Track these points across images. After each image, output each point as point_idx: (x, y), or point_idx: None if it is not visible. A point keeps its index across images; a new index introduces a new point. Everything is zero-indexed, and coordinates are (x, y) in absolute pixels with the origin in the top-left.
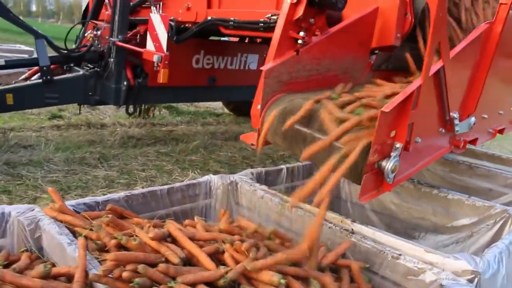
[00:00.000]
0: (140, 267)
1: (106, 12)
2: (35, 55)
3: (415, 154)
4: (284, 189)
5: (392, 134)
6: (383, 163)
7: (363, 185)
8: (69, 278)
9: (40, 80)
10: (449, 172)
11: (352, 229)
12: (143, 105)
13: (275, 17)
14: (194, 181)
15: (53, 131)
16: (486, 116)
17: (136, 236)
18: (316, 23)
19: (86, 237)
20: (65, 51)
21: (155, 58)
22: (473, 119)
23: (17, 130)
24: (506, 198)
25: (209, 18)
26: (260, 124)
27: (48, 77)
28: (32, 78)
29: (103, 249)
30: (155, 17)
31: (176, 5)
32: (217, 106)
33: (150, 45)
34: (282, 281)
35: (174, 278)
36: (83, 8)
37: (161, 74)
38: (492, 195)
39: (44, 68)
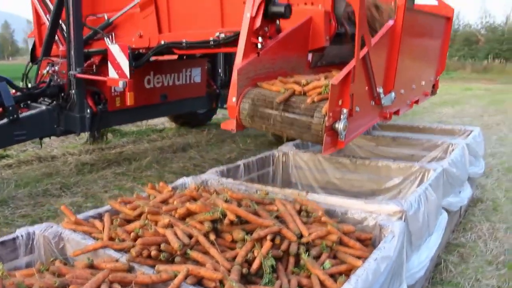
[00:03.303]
0: (163, 245)
1: (60, 49)
2: None
3: (356, 120)
4: (244, 180)
5: (340, 102)
6: (336, 125)
7: (324, 143)
8: None
9: (6, 120)
10: (376, 145)
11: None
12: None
13: (223, 35)
14: (172, 184)
15: (6, 171)
16: (403, 91)
17: (152, 225)
18: (269, 31)
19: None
20: (26, 90)
21: (120, 84)
22: (393, 94)
23: None
24: (425, 159)
25: (162, 42)
26: (237, 112)
27: (15, 115)
28: None
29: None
30: (114, 48)
31: (128, 34)
32: (158, 122)
33: (112, 73)
34: None
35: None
36: (30, 48)
37: (127, 97)
38: (415, 159)
39: (10, 108)
